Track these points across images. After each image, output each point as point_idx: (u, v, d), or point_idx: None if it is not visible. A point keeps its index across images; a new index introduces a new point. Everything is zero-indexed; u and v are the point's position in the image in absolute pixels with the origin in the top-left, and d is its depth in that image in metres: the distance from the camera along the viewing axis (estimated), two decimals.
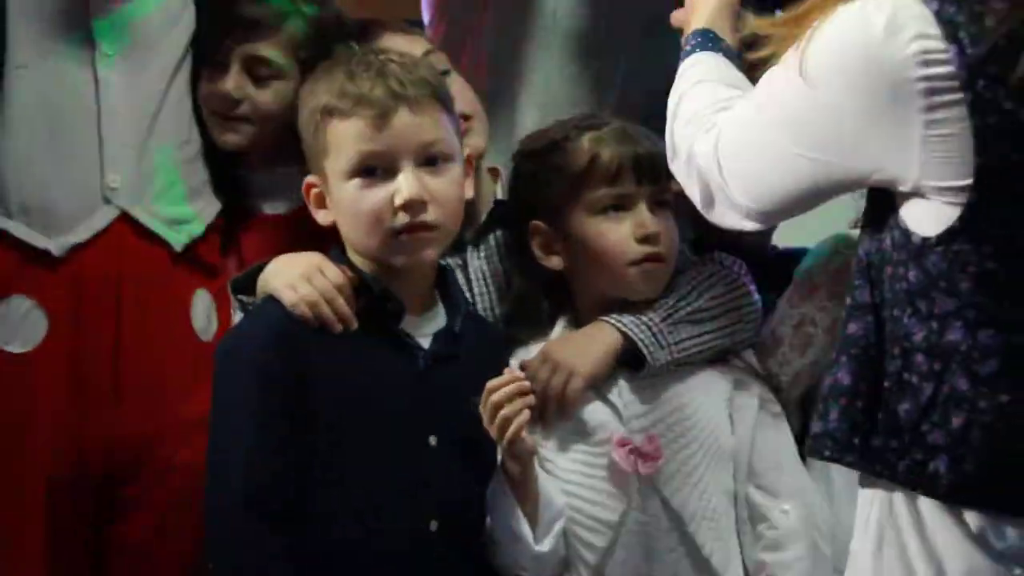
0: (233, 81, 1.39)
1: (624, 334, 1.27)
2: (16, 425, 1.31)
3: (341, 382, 1.21)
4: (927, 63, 0.86)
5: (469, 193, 1.27)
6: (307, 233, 1.30)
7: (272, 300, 1.22)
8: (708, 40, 1.13)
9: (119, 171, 1.37)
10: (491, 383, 1.18)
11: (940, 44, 0.86)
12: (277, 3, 1.44)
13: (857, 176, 0.94)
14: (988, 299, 0.90)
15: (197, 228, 1.42)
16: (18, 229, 1.31)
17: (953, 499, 0.91)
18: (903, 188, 0.90)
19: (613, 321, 1.29)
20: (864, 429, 0.95)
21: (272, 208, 1.45)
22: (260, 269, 1.25)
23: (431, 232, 1.21)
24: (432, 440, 1.24)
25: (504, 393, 1.17)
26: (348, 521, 1.21)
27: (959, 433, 0.91)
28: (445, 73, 1.40)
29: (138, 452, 1.38)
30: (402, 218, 1.18)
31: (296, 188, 1.31)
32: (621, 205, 1.30)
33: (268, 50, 1.41)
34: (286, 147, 1.38)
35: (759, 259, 1.50)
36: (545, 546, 1.24)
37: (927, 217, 0.90)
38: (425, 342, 1.23)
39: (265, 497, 1.18)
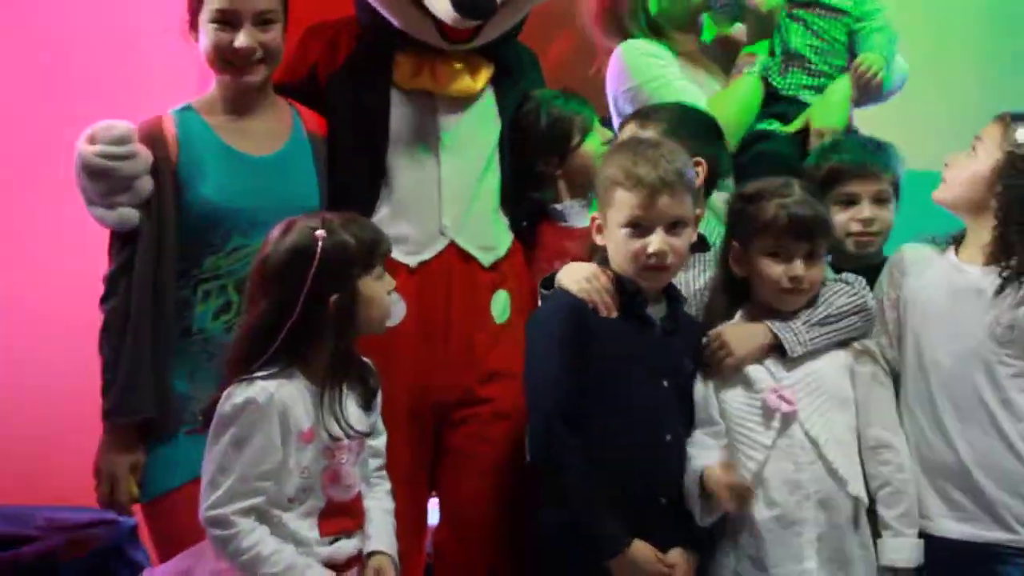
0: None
1: (775, 335, 1.95)
2: (385, 374, 1.95)
3: (609, 343, 1.91)
4: None
5: (693, 238, 1.97)
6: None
7: (562, 290, 1.92)
8: None
9: (451, 213, 2.18)
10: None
11: None
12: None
13: None
14: None
15: (500, 252, 2.22)
16: (395, 252, 2.05)
17: None
18: None
19: (769, 324, 1.96)
20: None
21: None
22: (554, 274, 1.97)
23: (667, 271, 1.92)
24: (665, 383, 1.94)
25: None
26: (611, 427, 1.90)
27: None
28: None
29: (461, 390, 2.15)
30: (652, 260, 1.87)
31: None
32: (781, 253, 1.95)
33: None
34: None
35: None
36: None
37: None
38: (657, 319, 1.94)
39: (563, 407, 1.87)
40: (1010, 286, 1.99)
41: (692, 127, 2.18)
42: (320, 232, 1.79)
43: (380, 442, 1.96)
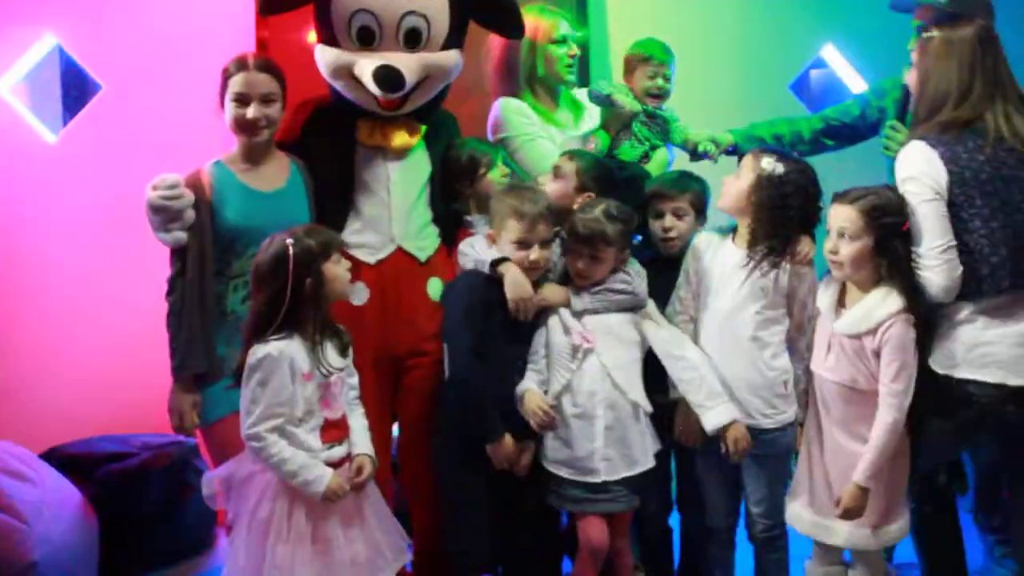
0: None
1: (568, 296, 2.59)
2: (357, 337, 2.50)
3: (498, 306, 2.57)
4: None
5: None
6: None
7: (477, 271, 2.59)
8: None
9: (398, 226, 2.76)
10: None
11: None
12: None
13: None
14: None
15: (431, 251, 2.82)
16: (357, 253, 2.69)
17: None
18: None
19: (568, 290, 2.60)
20: None
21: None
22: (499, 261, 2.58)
23: (540, 270, 2.60)
24: (523, 331, 2.62)
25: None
26: (495, 361, 2.58)
27: None
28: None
29: (410, 345, 2.77)
30: (530, 265, 2.55)
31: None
32: (575, 252, 2.58)
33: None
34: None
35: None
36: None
37: None
38: None
39: (472, 348, 2.54)
40: (762, 263, 2.58)
41: (593, 171, 2.80)
42: (289, 241, 2.29)
43: (354, 380, 2.49)
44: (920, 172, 2.46)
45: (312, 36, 2.85)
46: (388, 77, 2.58)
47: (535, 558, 2.76)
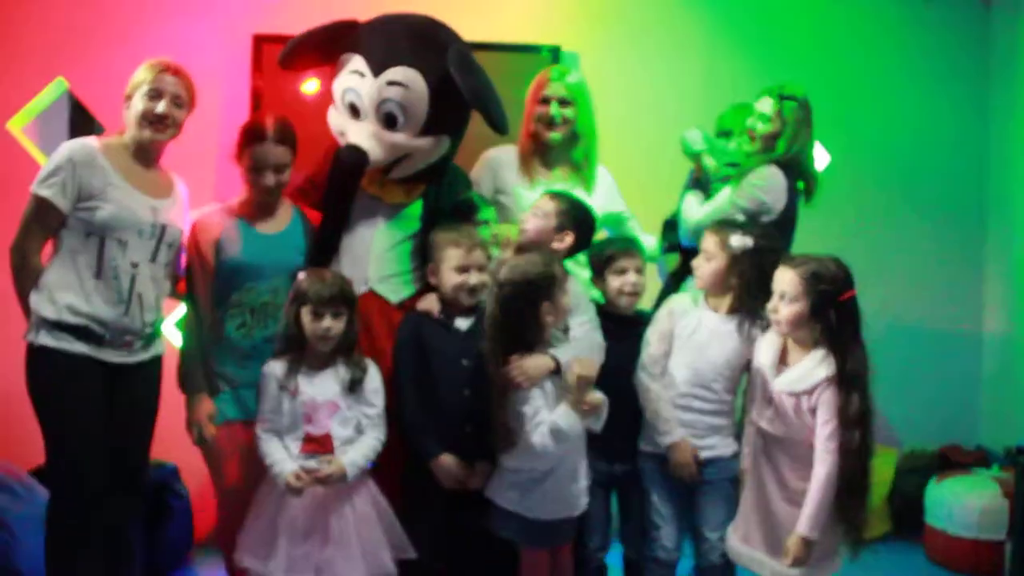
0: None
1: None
2: None
3: (433, 341, 2.84)
4: None
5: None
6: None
7: (413, 312, 2.91)
8: None
9: (373, 272, 3.01)
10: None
11: None
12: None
13: None
14: None
15: (405, 296, 3.04)
16: None
17: None
18: None
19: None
20: None
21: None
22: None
23: (480, 294, 2.84)
24: (464, 362, 2.82)
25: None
26: (434, 386, 2.80)
27: None
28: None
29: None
30: (469, 287, 2.84)
31: None
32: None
33: None
34: None
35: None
36: None
37: None
38: (462, 327, 2.88)
39: (405, 380, 2.82)
40: (752, 328, 2.84)
41: (574, 211, 2.98)
42: (301, 276, 2.77)
43: (372, 411, 2.77)
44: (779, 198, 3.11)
45: (304, 86, 3.75)
46: (350, 156, 2.94)
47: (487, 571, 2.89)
